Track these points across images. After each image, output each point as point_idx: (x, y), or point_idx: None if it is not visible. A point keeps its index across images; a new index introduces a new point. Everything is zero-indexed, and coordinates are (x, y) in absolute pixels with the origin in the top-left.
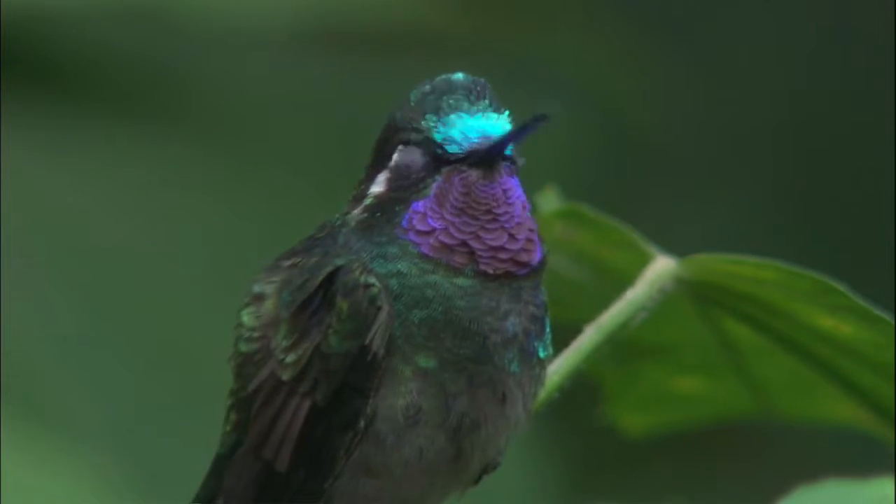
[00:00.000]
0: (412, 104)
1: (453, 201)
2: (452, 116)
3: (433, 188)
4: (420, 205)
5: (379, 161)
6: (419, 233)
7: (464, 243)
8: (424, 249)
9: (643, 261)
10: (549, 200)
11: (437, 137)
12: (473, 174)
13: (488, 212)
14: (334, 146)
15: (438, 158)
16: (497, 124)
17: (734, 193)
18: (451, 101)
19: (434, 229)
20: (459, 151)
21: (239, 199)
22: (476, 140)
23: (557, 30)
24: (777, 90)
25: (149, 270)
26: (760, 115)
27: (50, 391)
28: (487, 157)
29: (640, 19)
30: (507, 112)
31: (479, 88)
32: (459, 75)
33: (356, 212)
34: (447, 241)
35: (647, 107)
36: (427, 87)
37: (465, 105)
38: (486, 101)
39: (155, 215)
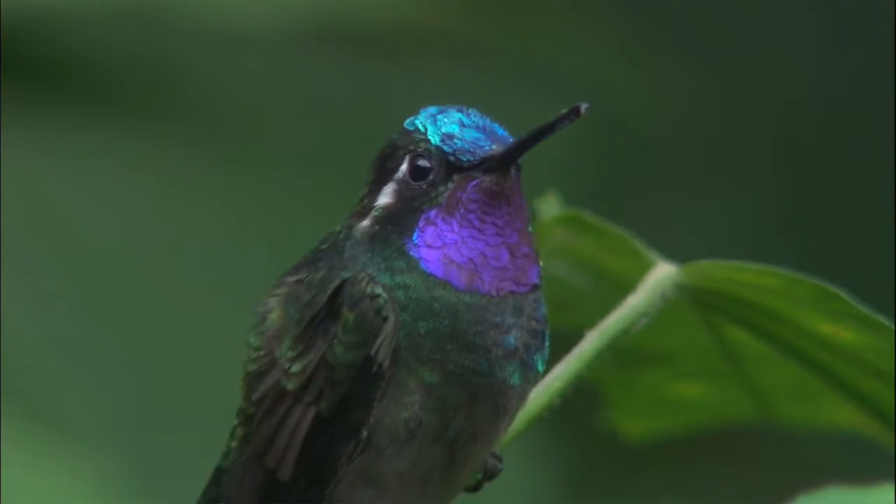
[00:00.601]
0: (409, 128)
1: (463, 211)
2: (456, 129)
3: (445, 196)
4: (432, 213)
5: (382, 176)
6: (429, 247)
7: (470, 261)
8: (432, 269)
9: (644, 267)
10: (550, 206)
11: (447, 148)
12: (486, 180)
13: (493, 224)
14: (334, 146)
15: (450, 166)
16: (502, 133)
17: (735, 196)
18: (448, 118)
19: (444, 244)
20: (472, 159)
21: (239, 199)
22: (487, 147)
23: (557, 30)
24: (778, 92)
25: (148, 270)
26: (761, 116)
27: (50, 391)
28: (502, 162)
29: (640, 20)
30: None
31: (466, 108)
32: (431, 106)
33: (364, 224)
34: (456, 258)
35: (648, 108)
36: (419, 114)
37: (464, 119)
38: (479, 117)
39: (155, 215)
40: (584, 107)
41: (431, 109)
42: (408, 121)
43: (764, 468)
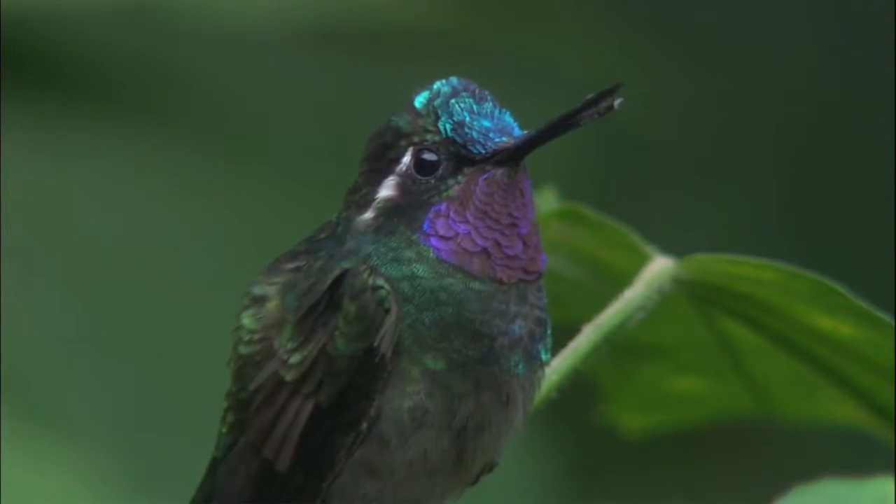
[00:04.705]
0: (419, 109)
1: (477, 203)
2: (467, 117)
3: (456, 189)
4: (443, 207)
5: (380, 167)
6: (441, 238)
7: (484, 250)
8: (445, 256)
9: (641, 261)
10: (548, 200)
11: (458, 139)
12: (499, 174)
13: (508, 215)
14: (334, 146)
15: (461, 159)
16: (511, 124)
17: (733, 193)
18: (461, 104)
19: (457, 234)
20: (484, 151)
21: (239, 198)
22: (498, 139)
23: (557, 30)
24: (777, 90)
25: (148, 270)
26: (760, 115)
27: (50, 391)
28: (515, 155)
29: (640, 19)
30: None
31: (478, 90)
32: (454, 79)
33: (367, 216)
34: (469, 247)
35: (647, 107)
36: (430, 93)
37: (475, 106)
38: (491, 102)
39: (154, 215)
40: (617, 101)
41: (444, 88)
42: (418, 99)
43: (761, 463)
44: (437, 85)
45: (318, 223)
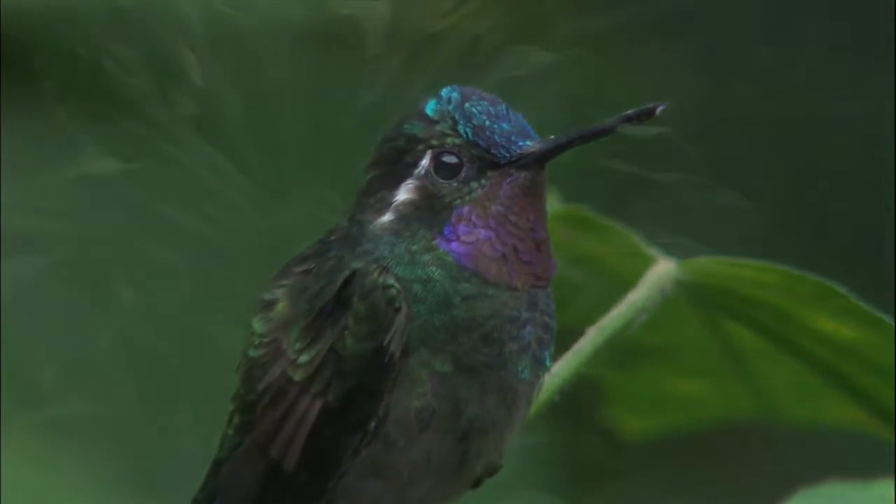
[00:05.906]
0: (431, 116)
1: (500, 207)
2: (487, 121)
3: (479, 192)
4: (465, 210)
5: (395, 171)
6: (462, 242)
7: (502, 256)
8: (464, 261)
9: (644, 263)
10: (551, 203)
11: (481, 142)
12: (522, 177)
13: (527, 220)
14: (334, 146)
15: (484, 163)
16: (527, 125)
17: (735, 195)
18: (476, 107)
19: (478, 239)
20: (508, 155)
21: (239, 198)
22: (521, 143)
23: (556, 30)
24: (778, 91)
25: (149, 270)
26: (761, 115)
27: (50, 391)
28: (540, 159)
29: (640, 20)
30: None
31: (485, 94)
32: (456, 86)
33: (385, 219)
34: (488, 252)
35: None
36: (439, 100)
37: (492, 109)
38: (504, 105)
39: (154, 214)
40: (659, 108)
41: (452, 94)
42: (428, 107)
43: (764, 466)
44: (444, 92)
45: (317, 222)
